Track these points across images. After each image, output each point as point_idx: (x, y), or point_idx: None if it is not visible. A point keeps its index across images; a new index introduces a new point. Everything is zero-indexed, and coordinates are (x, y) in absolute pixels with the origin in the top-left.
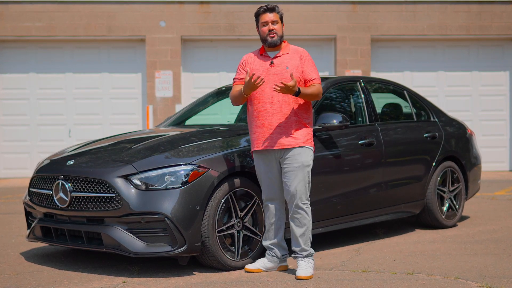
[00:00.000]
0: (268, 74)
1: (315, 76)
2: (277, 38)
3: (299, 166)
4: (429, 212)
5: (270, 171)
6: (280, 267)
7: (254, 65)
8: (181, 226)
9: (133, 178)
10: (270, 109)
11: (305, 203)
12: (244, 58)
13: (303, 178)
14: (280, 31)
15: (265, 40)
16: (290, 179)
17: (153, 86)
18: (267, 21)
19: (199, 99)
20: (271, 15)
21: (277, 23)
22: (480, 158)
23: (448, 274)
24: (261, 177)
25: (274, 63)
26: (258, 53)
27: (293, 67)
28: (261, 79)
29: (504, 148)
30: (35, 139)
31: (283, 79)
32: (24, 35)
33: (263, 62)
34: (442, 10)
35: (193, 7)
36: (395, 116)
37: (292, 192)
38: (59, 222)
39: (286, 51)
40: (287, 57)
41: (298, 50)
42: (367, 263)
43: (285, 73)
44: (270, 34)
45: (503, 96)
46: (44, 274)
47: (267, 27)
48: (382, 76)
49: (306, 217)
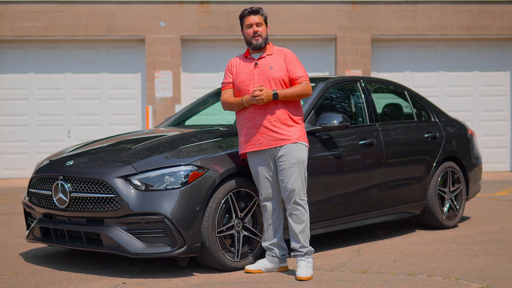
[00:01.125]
0: (253, 76)
1: (301, 74)
2: (261, 41)
3: (295, 162)
4: (429, 212)
5: (266, 170)
6: (280, 268)
7: (240, 68)
8: (180, 226)
9: (132, 178)
10: (259, 109)
11: (303, 199)
12: (230, 62)
13: (299, 174)
14: (264, 33)
15: (250, 43)
16: (287, 176)
17: (153, 86)
18: (252, 23)
19: (199, 99)
20: (256, 17)
21: (262, 25)
22: (481, 158)
23: (449, 275)
24: (257, 177)
25: (258, 65)
26: (243, 56)
27: (277, 67)
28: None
29: (505, 149)
30: (34, 140)
31: (268, 79)
32: (23, 35)
33: (248, 64)
34: (443, 10)
35: (192, 7)
36: (396, 117)
37: (290, 189)
38: (59, 222)
39: (270, 52)
40: (271, 58)
41: (282, 50)
42: (368, 264)
43: (269, 73)
44: (255, 36)
45: (504, 97)
46: (43, 274)
47: (252, 29)
48: (382, 76)
49: (304, 213)
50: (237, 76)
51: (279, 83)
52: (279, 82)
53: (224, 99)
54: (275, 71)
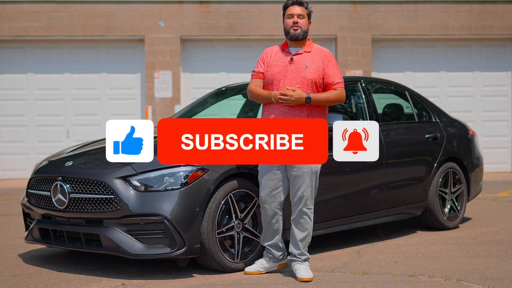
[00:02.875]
0: (286, 72)
1: (338, 80)
2: (300, 32)
3: (307, 171)
4: (430, 213)
5: (274, 173)
6: (280, 265)
7: (274, 60)
8: (180, 227)
9: (132, 179)
10: (285, 108)
11: (309, 208)
12: (265, 52)
13: (310, 183)
14: (305, 26)
15: (288, 32)
16: (298, 183)
17: (152, 87)
18: (293, 13)
19: (199, 100)
20: (299, 9)
21: (303, 17)
22: (482, 159)
23: (450, 276)
24: (261, 180)
25: (294, 60)
26: (280, 47)
27: (313, 68)
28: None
29: (506, 149)
30: (33, 140)
31: (301, 78)
32: (21, 35)
33: (284, 57)
34: (444, 10)
35: (192, 6)
36: (396, 117)
37: (299, 196)
38: (58, 223)
39: (308, 49)
40: (308, 56)
41: (322, 50)
42: (368, 265)
43: (303, 72)
44: (294, 26)
45: (505, 97)
46: (42, 276)
47: (292, 20)
48: (383, 77)
49: (308, 222)
50: (270, 68)
51: (311, 84)
52: (312, 83)
53: (251, 88)
54: (309, 71)
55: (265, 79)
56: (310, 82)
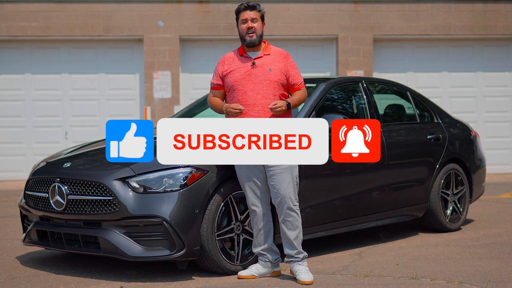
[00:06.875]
0: (250, 76)
1: (301, 80)
2: (255, 38)
3: (286, 167)
4: (432, 215)
5: (254, 175)
6: (273, 273)
7: (233, 66)
8: (179, 229)
9: (131, 180)
10: (252, 111)
11: (295, 205)
12: (221, 60)
13: (291, 179)
14: (259, 29)
15: (244, 39)
16: (279, 181)
17: (151, 87)
18: (247, 18)
19: (198, 101)
20: (251, 13)
21: (257, 21)
22: (485, 160)
23: (452, 279)
24: (244, 182)
25: (256, 64)
26: (237, 53)
27: (277, 70)
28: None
29: (509, 150)
30: (30, 141)
31: (266, 81)
32: (19, 35)
33: (244, 62)
34: (446, 10)
35: (191, 6)
36: (398, 118)
37: (282, 194)
38: (56, 225)
39: (267, 51)
40: (269, 58)
41: (281, 52)
42: (370, 267)
43: (268, 75)
44: (249, 32)
45: (508, 98)
46: (40, 278)
47: (246, 25)
48: (384, 77)
49: (297, 219)
50: (231, 75)
51: (277, 86)
52: (278, 84)
53: (209, 99)
54: (274, 74)
55: (225, 87)
56: (276, 83)
